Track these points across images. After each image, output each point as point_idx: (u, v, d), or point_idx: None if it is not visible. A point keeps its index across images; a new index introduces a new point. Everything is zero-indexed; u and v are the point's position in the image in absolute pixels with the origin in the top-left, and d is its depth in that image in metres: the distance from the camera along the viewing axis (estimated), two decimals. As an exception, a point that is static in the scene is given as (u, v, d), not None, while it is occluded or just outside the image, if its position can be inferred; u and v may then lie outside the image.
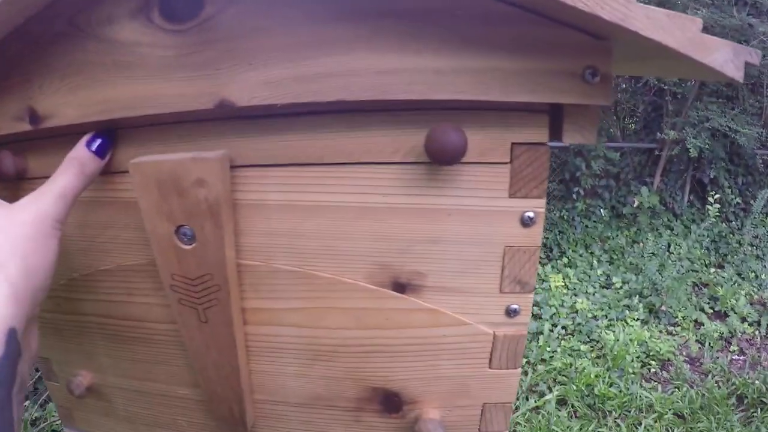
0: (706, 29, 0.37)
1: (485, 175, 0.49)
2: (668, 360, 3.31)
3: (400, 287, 0.53)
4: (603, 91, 0.44)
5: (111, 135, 0.54)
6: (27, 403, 2.30)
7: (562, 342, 3.38)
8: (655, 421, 2.78)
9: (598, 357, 3.27)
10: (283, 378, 0.59)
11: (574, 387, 2.95)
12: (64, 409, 0.75)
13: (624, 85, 4.91)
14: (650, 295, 3.81)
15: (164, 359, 0.63)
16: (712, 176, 4.68)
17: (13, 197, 0.59)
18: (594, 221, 4.62)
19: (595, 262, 4.22)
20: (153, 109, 0.49)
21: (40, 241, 0.46)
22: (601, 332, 3.44)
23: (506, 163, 0.48)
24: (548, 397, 2.88)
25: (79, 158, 0.51)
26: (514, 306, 0.53)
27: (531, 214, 0.49)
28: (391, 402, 0.58)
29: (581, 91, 0.44)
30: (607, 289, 3.95)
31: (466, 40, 0.43)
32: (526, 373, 3.06)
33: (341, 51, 0.44)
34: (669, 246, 4.39)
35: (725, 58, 0.38)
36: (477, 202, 0.50)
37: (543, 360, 3.21)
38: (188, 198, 0.49)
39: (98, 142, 0.53)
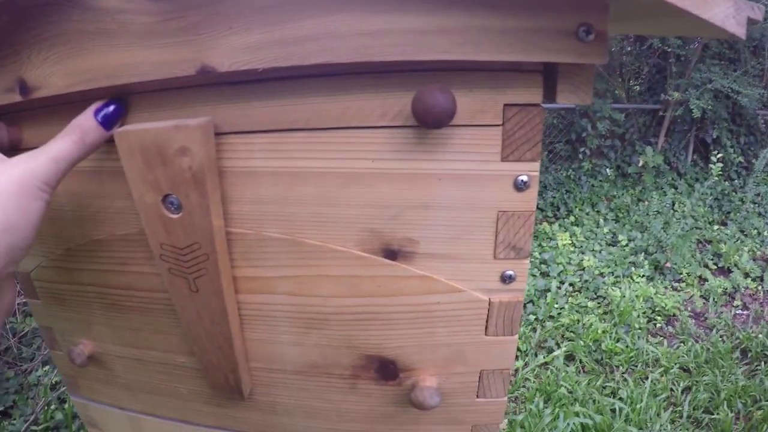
0: None
1: (476, 138, 0.45)
2: (673, 315, 3.32)
3: (392, 254, 0.50)
4: (598, 50, 0.40)
5: (121, 104, 0.51)
6: (46, 368, 2.33)
7: (570, 299, 3.39)
8: (662, 375, 2.79)
9: (605, 313, 3.28)
10: (279, 346, 0.57)
11: (582, 343, 2.96)
12: (69, 378, 0.74)
13: (629, 48, 4.88)
14: (655, 252, 3.81)
15: (161, 328, 0.61)
16: (714, 136, 4.67)
17: None
18: (600, 180, 4.61)
19: (601, 221, 4.21)
20: (135, 77, 0.47)
21: (24, 200, 0.44)
22: (607, 289, 3.45)
23: (498, 125, 0.45)
24: (557, 353, 2.88)
25: (82, 126, 0.48)
26: (509, 272, 0.50)
27: (525, 178, 0.46)
28: (387, 369, 0.56)
29: (575, 50, 0.40)
30: (613, 246, 3.95)
31: (451, -3, 0.40)
32: (534, 330, 3.07)
33: (322, 12, 0.41)
34: (673, 204, 4.37)
35: (726, 14, 0.34)
36: (468, 166, 0.46)
37: (551, 317, 3.21)
38: (172, 167, 0.46)
39: (106, 110, 0.50)
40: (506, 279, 0.50)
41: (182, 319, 0.55)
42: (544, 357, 2.86)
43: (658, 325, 3.24)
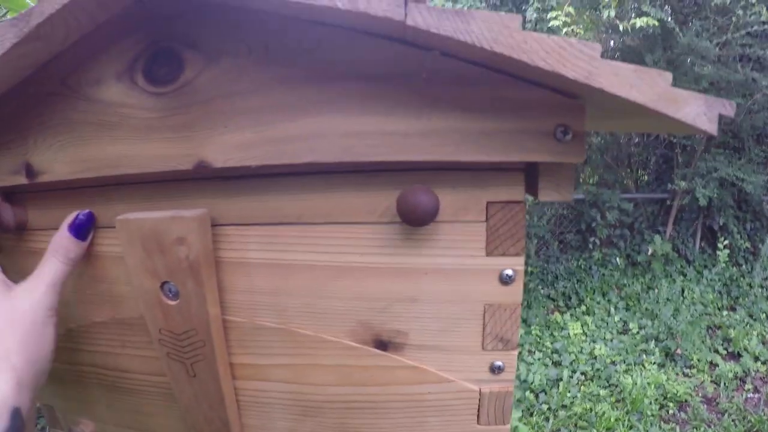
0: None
1: (461, 234, 0.46)
2: (685, 401, 3.23)
3: (382, 345, 0.50)
4: (576, 149, 0.41)
5: (90, 217, 0.53)
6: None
7: (582, 387, 3.31)
8: (675, 463, 2.69)
9: (617, 401, 3.20)
10: (275, 432, 0.56)
11: (595, 431, 2.87)
12: (72, 457, 0.72)
13: (636, 139, 4.91)
14: (666, 339, 3.74)
15: (160, 410, 0.60)
16: (721, 223, 4.63)
17: (15, 248, 0.60)
18: (610, 269, 4.56)
19: (612, 309, 4.14)
20: (135, 168, 0.48)
21: (39, 331, 0.48)
22: (619, 377, 3.37)
23: (482, 221, 0.46)
24: (568, 442, 2.79)
25: (63, 245, 0.52)
26: (498, 363, 0.50)
27: (510, 272, 0.47)
28: (380, 458, 0.55)
29: (554, 150, 0.41)
30: (625, 334, 3.87)
31: (433, 101, 0.41)
32: (547, 419, 2.99)
33: (308, 114, 0.43)
34: (682, 291, 4.31)
35: (697, 112, 0.35)
36: (454, 261, 0.47)
37: (564, 406, 3.13)
38: (170, 255, 0.47)
39: (77, 222, 0.53)
40: (495, 369, 0.50)
41: (181, 403, 0.55)
42: (556, 446, 2.78)
43: (671, 411, 3.14)
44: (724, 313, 4.14)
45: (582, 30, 3.76)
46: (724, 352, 3.75)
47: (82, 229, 0.52)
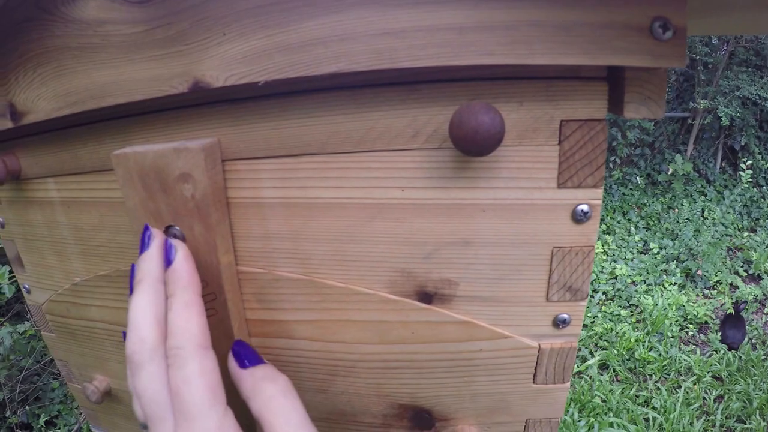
0: None
1: (528, 161, 0.36)
2: (705, 323, 3.20)
3: (427, 297, 0.40)
4: (677, 50, 0.30)
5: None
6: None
7: (603, 307, 3.29)
8: (694, 384, 2.68)
9: (637, 321, 3.18)
10: (301, 393, 0.47)
11: (615, 351, 2.87)
12: (89, 410, 0.66)
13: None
14: (686, 260, 3.70)
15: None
16: (743, 143, 4.53)
17: (14, 200, 0.56)
18: (630, 189, 4.49)
19: (632, 229, 4.09)
20: (122, 96, 0.38)
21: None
22: (640, 297, 3.35)
23: (554, 145, 0.35)
24: (590, 362, 2.79)
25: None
26: (564, 315, 0.40)
27: (585, 208, 0.36)
28: (421, 419, 0.46)
29: (649, 50, 0.30)
30: (645, 254, 3.84)
31: (496, -14, 0.30)
32: (567, 339, 2.97)
33: (333, 10, 0.32)
34: (703, 211, 4.25)
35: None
36: (518, 195, 0.36)
37: (584, 325, 3.11)
38: (174, 195, 0.38)
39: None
40: (560, 323, 0.40)
41: None
42: (578, 366, 2.76)
43: (690, 333, 3.13)
44: (745, 234, 4.09)
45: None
46: (745, 274, 3.72)
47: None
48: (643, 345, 2.92)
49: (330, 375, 0.46)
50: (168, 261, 0.37)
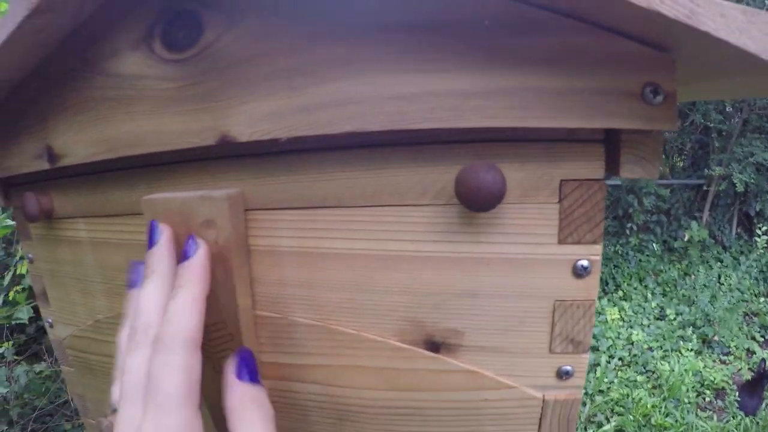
0: None
1: (530, 218, 0.37)
2: (722, 389, 3.14)
3: (435, 346, 0.42)
4: (667, 114, 0.33)
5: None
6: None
7: (619, 373, 3.23)
8: (713, 451, 2.60)
9: (654, 387, 3.12)
10: (308, 439, 0.49)
11: (632, 417, 2.80)
12: (103, 448, 0.67)
13: (671, 125, 4.82)
14: (703, 326, 3.65)
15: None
16: (758, 209, 4.51)
17: (44, 237, 0.58)
18: (647, 255, 4.46)
19: (649, 295, 4.05)
20: (154, 146, 0.41)
21: None
22: (656, 363, 3.29)
23: (554, 203, 0.37)
24: (606, 427, 2.73)
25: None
26: (567, 367, 0.41)
27: (585, 263, 0.38)
28: (429, 469, 0.47)
29: (642, 114, 0.33)
30: (662, 320, 3.79)
31: (498, 55, 0.33)
32: (584, 404, 2.91)
33: (346, 75, 0.35)
34: (719, 277, 4.21)
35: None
36: (521, 250, 0.38)
37: (600, 391, 3.05)
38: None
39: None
40: (563, 375, 0.41)
41: (206, 402, 0.48)
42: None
43: (708, 399, 3.06)
44: (761, 299, 4.04)
45: None
46: (761, 339, 3.65)
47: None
48: (660, 411, 2.86)
49: (338, 420, 0.47)
50: (185, 255, 0.38)
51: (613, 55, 0.32)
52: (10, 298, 1.89)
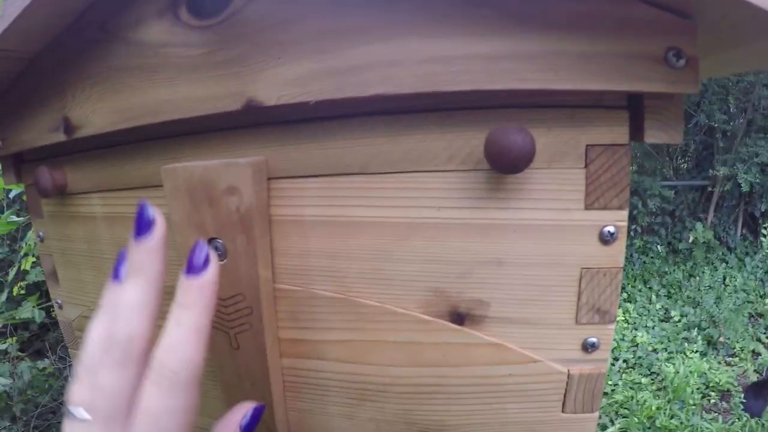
0: None
1: (556, 183, 0.38)
2: (728, 390, 3.14)
3: (459, 318, 0.42)
4: (690, 77, 0.34)
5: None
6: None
7: (624, 375, 3.24)
8: (718, 453, 2.61)
9: (658, 389, 3.12)
10: (327, 418, 0.49)
11: (636, 419, 2.80)
12: None
13: (674, 126, 4.83)
14: (708, 328, 3.65)
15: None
16: (763, 209, 4.51)
17: (56, 213, 0.58)
18: (651, 257, 4.47)
19: (653, 297, 4.06)
20: (178, 113, 0.42)
21: None
22: (661, 365, 3.30)
23: (581, 168, 0.38)
24: (610, 430, 2.73)
25: None
26: (593, 339, 0.41)
27: (611, 229, 0.38)
28: (449, 448, 0.47)
29: (665, 77, 0.34)
30: (666, 322, 3.79)
31: (526, 18, 0.34)
32: (587, 406, 2.92)
33: (379, 38, 0.35)
34: (724, 279, 4.21)
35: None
36: (548, 216, 0.39)
37: (605, 393, 3.05)
38: (220, 208, 0.40)
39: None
40: (588, 347, 0.42)
41: (221, 381, 0.48)
42: (598, 434, 2.71)
43: (713, 400, 3.07)
44: (767, 301, 4.03)
45: None
46: (767, 340, 3.64)
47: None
48: (665, 413, 2.86)
49: (359, 399, 0.47)
50: (194, 267, 0.35)
51: (637, 20, 0.33)
52: (14, 294, 1.90)
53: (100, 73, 0.45)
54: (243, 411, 0.38)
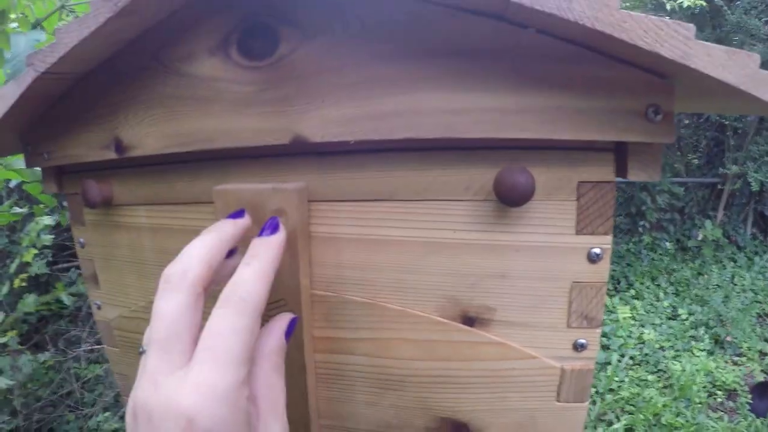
0: (763, 64, 0.35)
1: (552, 213, 0.47)
2: (734, 390, 3.17)
3: (469, 320, 0.51)
4: (666, 129, 0.42)
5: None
6: (107, 414, 2.33)
7: (630, 372, 3.28)
8: (723, 451, 2.65)
9: (665, 387, 3.16)
10: (353, 405, 0.58)
11: (642, 416, 2.85)
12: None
13: (687, 122, 4.82)
14: (715, 326, 3.68)
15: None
16: (773, 209, 4.51)
17: (98, 223, 0.64)
18: (660, 254, 4.50)
19: (661, 294, 4.09)
20: (230, 142, 0.50)
21: None
22: (667, 362, 3.33)
23: (573, 200, 0.46)
24: (616, 426, 2.77)
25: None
26: (582, 340, 0.50)
27: (598, 251, 0.47)
28: (459, 432, 0.56)
29: (644, 129, 0.42)
30: (674, 320, 3.82)
31: (531, 79, 0.42)
32: (594, 403, 2.97)
33: (406, 90, 0.44)
34: (733, 278, 4.23)
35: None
36: (544, 239, 0.47)
37: (611, 390, 3.10)
38: None
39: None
40: (578, 347, 0.50)
41: None
42: (603, 430, 2.76)
43: (719, 399, 3.10)
44: (775, 301, 4.06)
45: (630, 7, 3.70)
46: (774, 340, 3.68)
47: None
48: (670, 410, 2.91)
49: (382, 389, 0.56)
50: (267, 229, 0.44)
51: (623, 81, 0.41)
52: (15, 286, 1.93)
53: (153, 98, 0.52)
54: (285, 320, 0.46)
